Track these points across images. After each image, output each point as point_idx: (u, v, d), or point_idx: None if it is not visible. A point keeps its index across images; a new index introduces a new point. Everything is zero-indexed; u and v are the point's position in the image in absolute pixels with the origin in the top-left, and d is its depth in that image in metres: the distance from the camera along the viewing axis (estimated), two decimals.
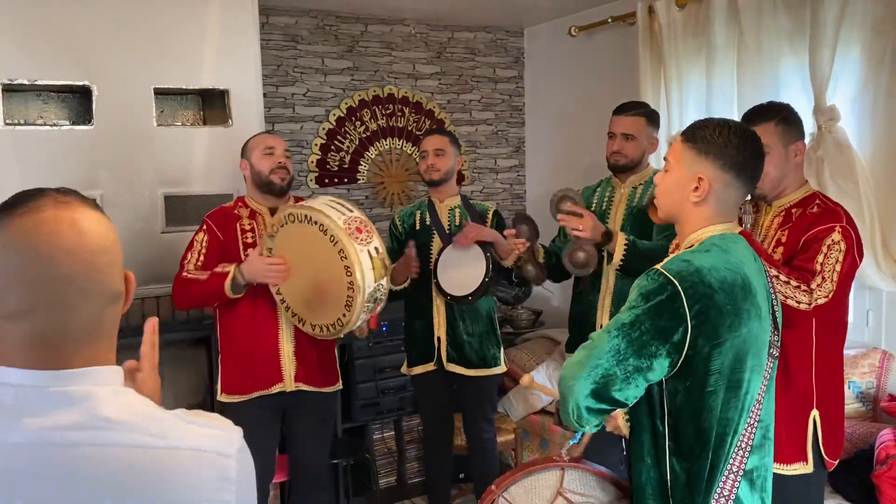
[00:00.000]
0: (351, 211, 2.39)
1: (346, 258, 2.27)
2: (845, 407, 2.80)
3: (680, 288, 1.40)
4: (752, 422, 1.48)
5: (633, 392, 1.44)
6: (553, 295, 4.36)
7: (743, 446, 1.47)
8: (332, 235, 2.29)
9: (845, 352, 2.80)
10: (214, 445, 0.90)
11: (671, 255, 1.50)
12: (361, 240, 2.31)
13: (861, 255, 1.96)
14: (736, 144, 1.48)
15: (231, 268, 2.45)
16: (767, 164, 1.65)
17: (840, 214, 1.96)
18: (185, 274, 2.53)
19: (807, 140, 2.79)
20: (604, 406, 1.44)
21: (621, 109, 2.74)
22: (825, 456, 1.98)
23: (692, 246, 1.52)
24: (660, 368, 1.42)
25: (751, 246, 1.58)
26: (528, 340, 4.22)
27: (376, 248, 2.34)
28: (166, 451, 0.86)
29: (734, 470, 1.46)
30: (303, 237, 2.39)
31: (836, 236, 1.90)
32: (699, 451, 1.45)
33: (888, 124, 2.68)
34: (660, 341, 1.40)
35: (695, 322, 1.39)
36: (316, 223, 2.32)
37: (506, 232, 2.70)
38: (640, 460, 1.53)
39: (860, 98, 2.78)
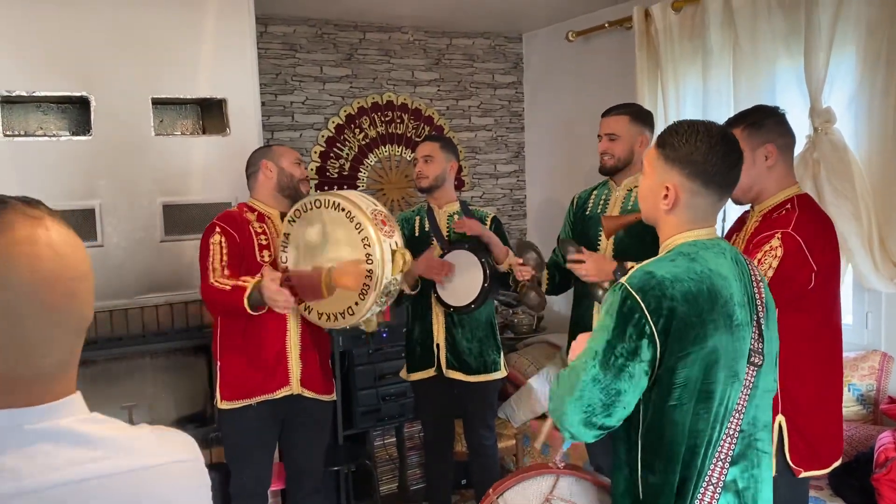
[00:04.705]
0: (375, 205, 2.46)
1: (368, 245, 2.33)
2: (847, 409, 2.80)
3: (642, 303, 1.39)
4: (730, 432, 1.44)
5: (621, 413, 1.43)
6: (553, 300, 4.36)
7: (722, 457, 1.44)
8: (358, 222, 2.34)
9: (845, 354, 2.79)
10: (191, 453, 0.90)
11: (636, 266, 1.47)
12: (385, 232, 2.38)
13: (821, 262, 1.90)
14: (703, 152, 1.45)
15: (250, 284, 2.37)
16: None
17: (790, 220, 1.92)
18: (212, 282, 2.44)
19: (803, 142, 2.84)
20: (596, 432, 1.44)
21: (606, 111, 2.73)
22: (791, 463, 1.93)
23: (661, 254, 1.51)
24: (641, 384, 1.41)
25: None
26: (529, 345, 4.22)
27: (397, 243, 2.41)
28: (158, 469, 0.84)
29: (713, 482, 1.43)
30: (324, 222, 2.43)
31: (775, 242, 1.88)
32: (666, 465, 1.43)
33: (884, 125, 2.67)
34: (634, 361, 1.39)
35: (662, 337, 1.38)
36: (343, 210, 2.37)
37: (514, 259, 2.69)
38: (619, 470, 1.52)
39: (856, 99, 2.77)
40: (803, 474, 1.96)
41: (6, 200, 0.78)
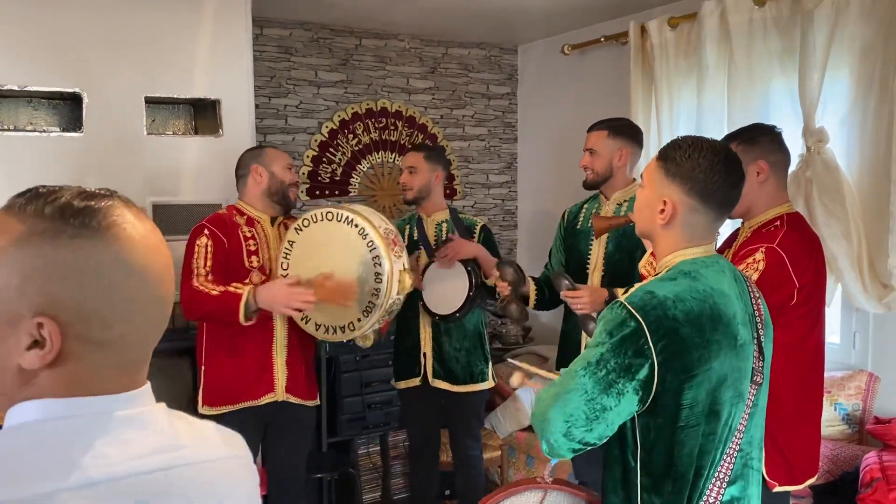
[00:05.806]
0: (387, 224, 2.48)
1: (379, 265, 2.35)
2: (833, 428, 2.81)
3: (643, 323, 1.34)
4: (731, 452, 1.43)
5: (603, 431, 1.38)
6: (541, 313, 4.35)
7: (721, 477, 1.42)
8: (370, 240, 2.36)
9: (831, 374, 2.82)
10: (245, 450, 0.92)
11: (637, 286, 1.44)
12: (395, 252, 2.41)
13: (804, 280, 1.90)
14: (704, 169, 1.42)
15: (245, 290, 2.35)
16: None
17: (775, 236, 1.93)
18: (195, 284, 2.41)
19: (796, 161, 2.85)
20: (574, 445, 1.39)
21: (590, 126, 2.73)
22: (766, 476, 1.93)
23: (660, 272, 1.48)
24: (628, 405, 1.37)
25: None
26: (517, 357, 4.20)
27: (404, 265, 2.45)
28: (224, 462, 0.86)
29: (710, 502, 1.41)
30: (333, 235, 2.42)
31: (759, 255, 1.88)
32: (673, 487, 1.40)
33: (876, 146, 2.69)
34: (626, 378, 1.34)
35: (661, 358, 1.34)
36: (356, 226, 2.39)
37: (493, 274, 2.69)
38: (613, 492, 1.50)
39: (848, 120, 2.79)
40: (777, 488, 1.97)
41: (112, 193, 0.79)
